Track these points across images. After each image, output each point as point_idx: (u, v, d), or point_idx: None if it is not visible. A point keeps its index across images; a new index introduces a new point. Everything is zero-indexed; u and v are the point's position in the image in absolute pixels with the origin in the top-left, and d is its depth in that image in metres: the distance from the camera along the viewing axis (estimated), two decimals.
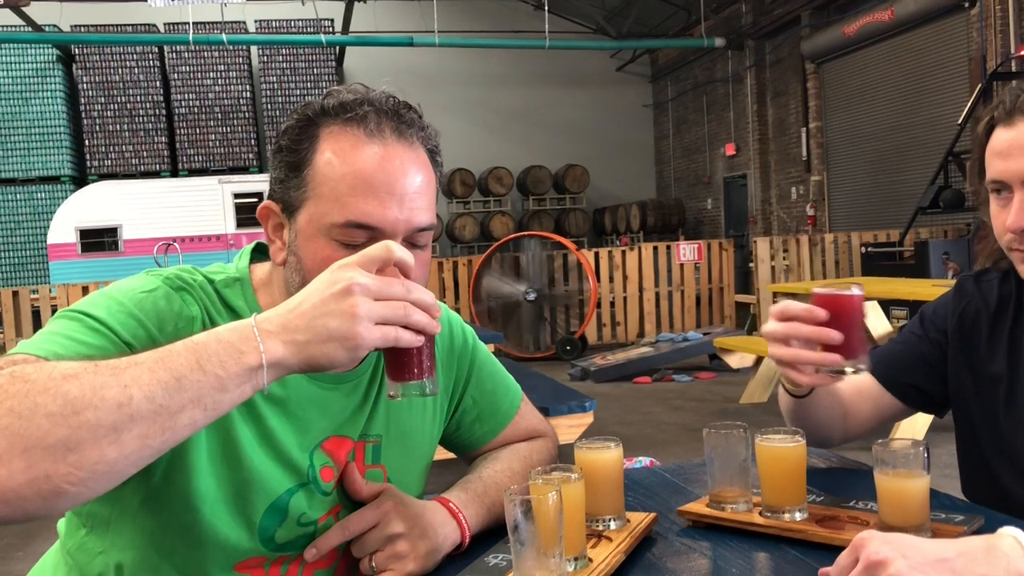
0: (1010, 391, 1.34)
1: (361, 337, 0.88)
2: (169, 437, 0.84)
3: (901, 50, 10.58)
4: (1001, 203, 1.27)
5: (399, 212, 1.03)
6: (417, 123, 1.08)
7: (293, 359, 0.88)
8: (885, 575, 0.87)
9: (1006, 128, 1.26)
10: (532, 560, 0.97)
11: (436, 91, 15.08)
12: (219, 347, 0.86)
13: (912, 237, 8.95)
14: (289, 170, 1.06)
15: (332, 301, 0.88)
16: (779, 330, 1.19)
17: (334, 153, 1.04)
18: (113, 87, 13.78)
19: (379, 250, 0.92)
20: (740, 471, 1.20)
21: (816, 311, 1.16)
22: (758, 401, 6.40)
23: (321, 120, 1.06)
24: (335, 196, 1.03)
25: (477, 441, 1.34)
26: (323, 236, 1.03)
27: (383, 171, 1.03)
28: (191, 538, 1.06)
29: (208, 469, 1.04)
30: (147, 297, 1.05)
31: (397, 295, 0.91)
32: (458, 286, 9.95)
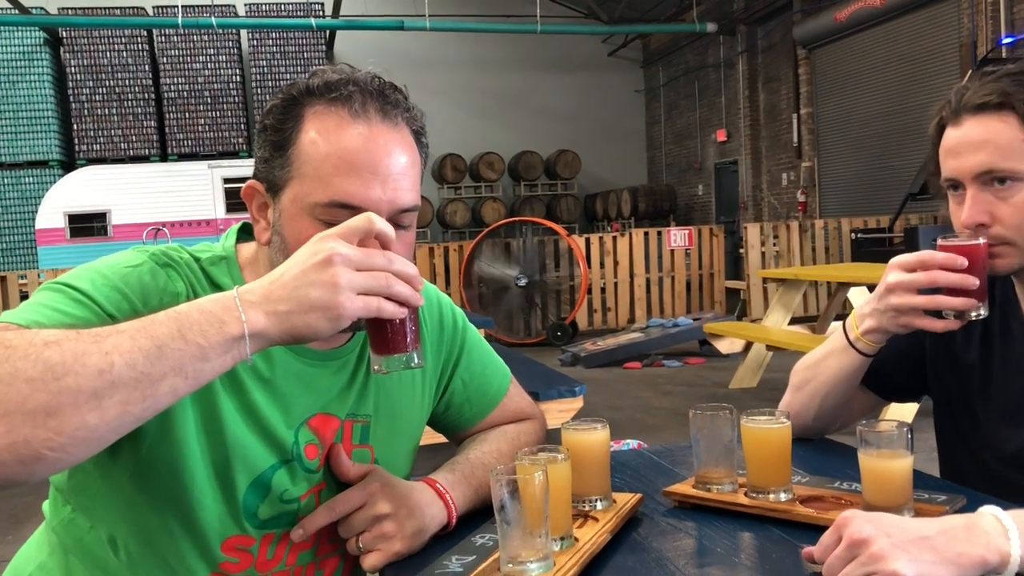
0: (983, 379, 1.37)
1: (343, 307, 0.88)
2: (150, 405, 0.85)
3: (892, 36, 10.58)
4: (957, 200, 1.29)
5: (382, 192, 1.03)
6: (402, 104, 1.08)
7: (275, 329, 0.89)
8: (868, 553, 0.88)
9: (954, 127, 1.28)
10: (518, 539, 0.97)
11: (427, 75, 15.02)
12: (201, 317, 0.87)
13: (902, 223, 8.99)
14: (273, 149, 1.06)
15: (313, 271, 0.89)
16: (920, 278, 1.21)
17: (318, 132, 1.04)
18: (101, 71, 13.67)
19: (360, 221, 0.93)
20: (726, 452, 1.21)
21: (958, 259, 1.19)
22: (747, 386, 6.43)
23: (306, 100, 1.06)
24: (319, 176, 1.03)
25: (466, 422, 1.35)
26: (307, 215, 1.03)
27: (367, 151, 1.03)
28: (179, 512, 1.07)
29: (194, 443, 1.05)
30: (132, 272, 1.05)
31: (379, 266, 0.91)
32: (449, 272, 9.95)
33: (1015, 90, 1.23)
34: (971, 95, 1.26)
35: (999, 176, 1.23)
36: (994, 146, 1.23)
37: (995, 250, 1.25)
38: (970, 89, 1.27)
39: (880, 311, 1.28)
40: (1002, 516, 0.91)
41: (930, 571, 0.87)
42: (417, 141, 1.10)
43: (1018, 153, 1.22)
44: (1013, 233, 1.24)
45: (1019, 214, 1.23)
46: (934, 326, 1.23)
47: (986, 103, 1.24)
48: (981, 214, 1.24)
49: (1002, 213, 1.24)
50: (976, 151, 1.24)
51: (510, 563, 0.97)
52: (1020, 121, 1.22)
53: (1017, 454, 1.31)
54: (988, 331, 1.38)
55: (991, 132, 1.23)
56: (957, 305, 1.20)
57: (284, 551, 1.13)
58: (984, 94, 1.24)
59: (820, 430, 1.49)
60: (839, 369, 1.39)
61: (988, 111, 1.24)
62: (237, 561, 1.11)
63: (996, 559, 0.88)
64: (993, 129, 1.23)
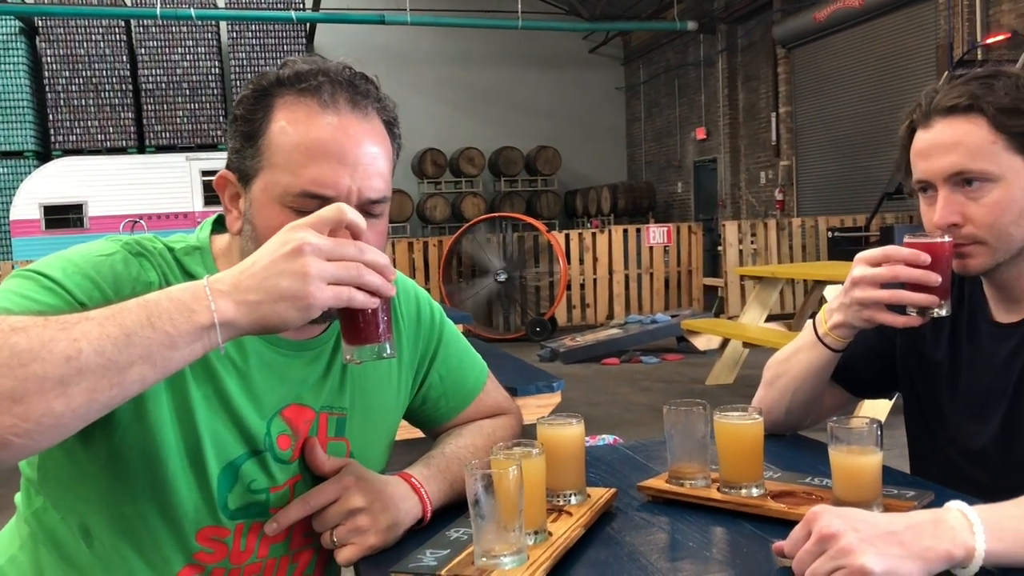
0: (951, 376, 1.39)
1: (313, 296, 0.88)
2: (118, 392, 0.85)
3: (871, 36, 10.66)
4: (928, 201, 1.31)
5: (351, 181, 1.03)
6: (373, 94, 1.09)
7: (245, 319, 0.89)
8: (836, 548, 0.90)
9: (924, 130, 1.30)
10: (492, 534, 0.98)
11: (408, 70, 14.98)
12: (171, 305, 0.87)
13: (878, 222, 9.07)
14: (244, 140, 1.07)
15: (283, 261, 0.89)
16: (883, 272, 1.24)
17: (288, 122, 1.04)
18: (78, 61, 13.51)
19: (331, 212, 0.93)
20: (699, 448, 1.22)
21: (921, 255, 1.21)
22: (724, 382, 6.47)
23: (276, 90, 1.06)
24: (288, 165, 1.03)
25: (442, 417, 1.35)
26: (276, 204, 1.04)
27: (336, 140, 1.03)
28: (154, 500, 1.07)
29: (168, 430, 1.05)
30: (104, 260, 1.05)
31: (350, 255, 0.92)
32: (428, 266, 9.93)
33: (983, 92, 1.25)
34: (941, 98, 1.28)
35: (969, 177, 1.25)
36: (964, 148, 1.25)
37: (967, 250, 1.27)
38: (940, 92, 1.29)
39: (846, 305, 1.30)
40: (967, 511, 0.92)
41: (897, 565, 0.88)
42: (389, 132, 1.11)
43: (987, 154, 1.24)
44: (985, 233, 1.26)
45: (990, 214, 1.25)
46: (895, 321, 1.25)
47: (956, 105, 1.26)
48: (953, 215, 1.26)
49: (973, 213, 1.25)
50: (946, 153, 1.26)
51: (484, 557, 0.98)
52: (989, 123, 1.24)
53: (982, 451, 1.33)
54: (956, 330, 1.40)
55: (961, 134, 1.25)
56: (918, 301, 1.22)
57: (255, 542, 1.13)
58: (954, 97, 1.26)
59: (792, 425, 1.50)
60: (809, 364, 1.40)
61: (958, 113, 1.26)
62: (212, 552, 1.11)
63: (961, 553, 0.90)
64: (963, 131, 1.25)
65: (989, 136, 1.24)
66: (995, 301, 1.36)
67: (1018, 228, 1.25)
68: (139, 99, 13.78)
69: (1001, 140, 1.24)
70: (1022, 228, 1.26)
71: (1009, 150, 1.24)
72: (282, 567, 1.17)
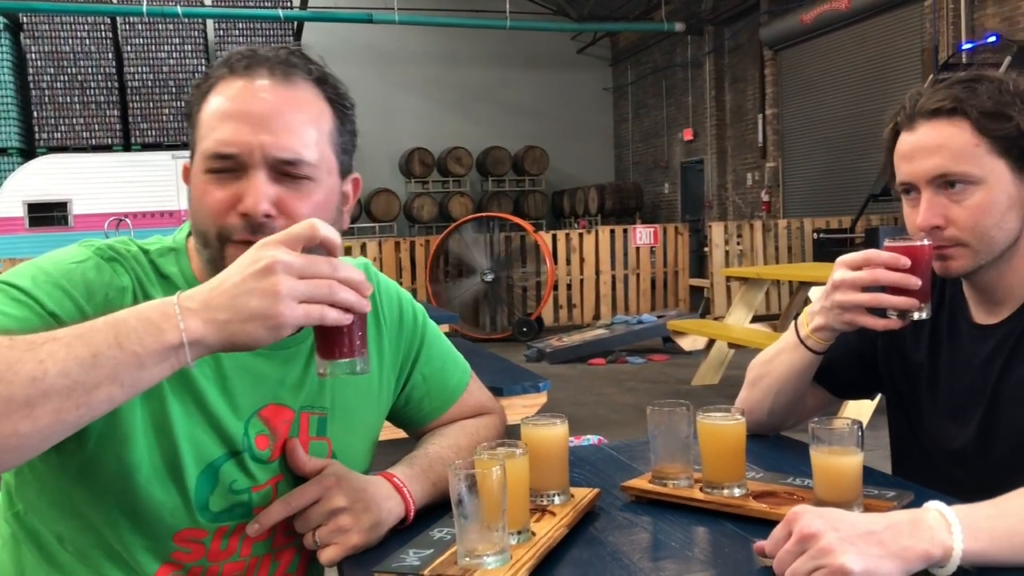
0: (931, 377, 1.40)
1: (283, 316, 0.88)
2: (85, 413, 0.85)
3: (857, 39, 10.72)
4: (911, 204, 1.32)
5: (253, 137, 1.04)
6: (302, 66, 1.09)
7: (214, 337, 0.88)
8: (817, 547, 0.90)
9: (909, 132, 1.31)
10: (475, 533, 0.98)
11: (395, 69, 14.97)
12: (139, 324, 0.86)
13: (863, 224, 9.12)
14: (189, 124, 1.11)
15: (253, 279, 0.88)
16: (863, 276, 1.24)
17: (214, 96, 1.08)
18: (63, 58, 13.42)
19: (303, 228, 0.92)
20: (682, 448, 1.23)
21: (900, 259, 1.22)
22: (709, 383, 6.50)
23: (214, 73, 1.09)
24: (206, 133, 1.06)
25: (425, 417, 1.35)
26: (200, 172, 1.07)
27: (241, 101, 1.06)
28: (128, 506, 1.06)
29: (141, 437, 1.05)
30: (76, 268, 1.05)
31: (322, 273, 0.90)
32: (415, 266, 9.91)
33: (967, 96, 1.26)
34: (925, 101, 1.29)
35: (952, 180, 1.26)
36: (947, 150, 1.26)
37: (949, 252, 1.28)
38: (924, 95, 1.30)
39: (827, 308, 1.31)
40: (945, 511, 0.93)
41: (876, 564, 0.89)
42: (334, 109, 1.11)
43: (970, 157, 1.25)
44: (967, 235, 1.27)
45: (972, 217, 1.26)
46: (875, 324, 1.26)
47: (940, 108, 1.27)
48: (936, 217, 1.27)
49: (956, 215, 1.27)
50: (930, 155, 1.27)
51: (467, 556, 0.98)
52: (972, 126, 1.25)
53: (961, 451, 1.35)
54: (937, 331, 1.41)
55: (944, 137, 1.26)
56: (898, 304, 1.23)
57: (238, 543, 1.13)
58: (938, 100, 1.28)
59: (775, 426, 1.51)
60: (791, 366, 1.41)
61: (941, 116, 1.27)
62: (189, 551, 1.11)
63: (939, 552, 0.91)
64: (946, 134, 1.26)
65: (972, 139, 1.25)
66: (975, 302, 1.37)
67: (999, 231, 1.27)
68: (125, 96, 13.70)
69: (984, 143, 1.25)
70: (1003, 231, 1.27)
71: (992, 153, 1.25)
72: (264, 566, 1.16)
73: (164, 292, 1.08)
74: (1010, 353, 1.31)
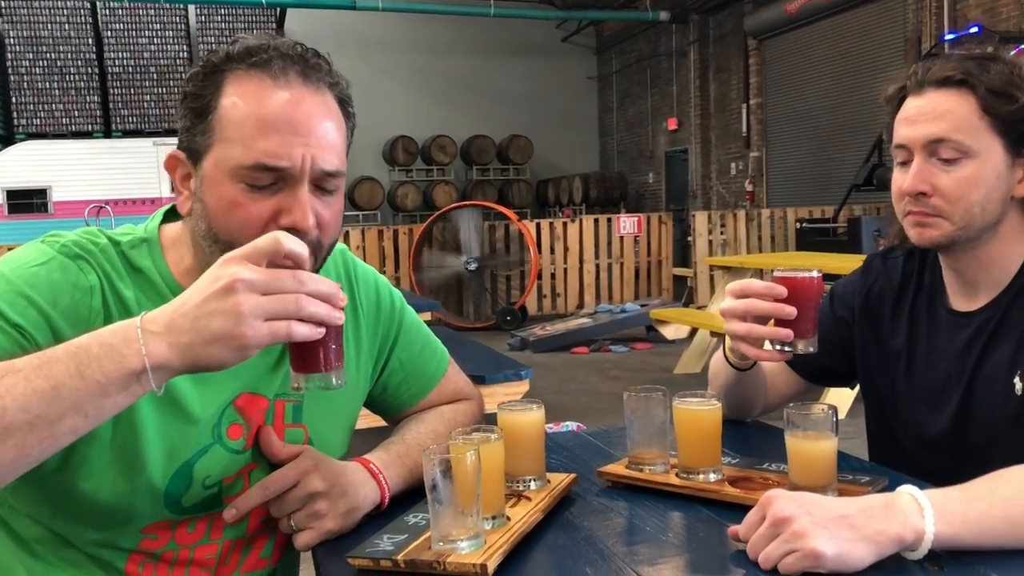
0: (908, 364, 1.41)
1: (246, 337, 0.84)
2: (49, 445, 0.84)
3: (840, 30, 10.73)
4: (902, 170, 1.33)
5: (304, 151, 1.01)
6: (324, 69, 1.06)
7: (178, 361, 0.85)
8: (789, 531, 0.91)
9: (916, 97, 1.32)
10: (449, 518, 0.98)
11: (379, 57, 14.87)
12: (100, 351, 0.84)
13: (846, 214, 9.15)
14: (195, 117, 1.05)
15: (214, 299, 0.85)
16: (738, 306, 1.23)
17: (239, 96, 1.02)
18: (42, 43, 13.27)
19: (266, 242, 0.88)
20: (658, 434, 1.23)
21: (775, 288, 1.20)
22: (692, 371, 6.52)
23: (226, 66, 1.04)
24: (240, 138, 1.01)
25: (403, 403, 1.35)
26: (229, 179, 1.01)
27: (287, 113, 1.01)
28: (95, 510, 1.05)
29: (108, 444, 1.03)
30: (39, 271, 1.01)
31: (287, 288, 0.87)
32: (399, 255, 9.89)
33: (978, 71, 1.27)
34: (937, 69, 1.30)
35: (946, 148, 1.27)
36: (950, 117, 1.27)
37: (928, 219, 1.29)
38: (937, 64, 1.31)
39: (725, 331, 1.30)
40: (918, 495, 0.94)
41: (849, 548, 0.90)
42: (343, 110, 1.09)
43: (970, 129, 1.26)
44: (950, 206, 1.28)
45: (959, 188, 1.27)
46: (759, 355, 1.24)
47: (949, 78, 1.28)
48: (923, 183, 1.28)
49: (943, 185, 1.27)
50: (932, 121, 1.28)
51: (441, 541, 0.98)
52: (977, 101, 1.26)
53: (936, 438, 1.35)
54: (915, 318, 1.42)
55: (950, 105, 1.28)
56: (768, 335, 1.21)
57: (206, 527, 1.13)
58: (949, 69, 1.29)
59: (742, 416, 1.53)
60: (728, 375, 1.43)
61: (950, 86, 1.28)
62: (155, 537, 1.10)
63: (911, 536, 0.91)
64: (952, 103, 1.28)
65: (975, 113, 1.26)
66: (954, 289, 1.38)
67: (982, 208, 1.28)
68: (105, 83, 13.56)
69: (986, 120, 1.26)
70: (986, 210, 1.28)
71: (991, 131, 1.26)
72: (237, 550, 1.16)
73: (136, 287, 1.06)
74: (987, 340, 1.31)
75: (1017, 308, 1.29)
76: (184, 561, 1.12)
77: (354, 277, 1.28)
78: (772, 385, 1.51)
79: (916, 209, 1.30)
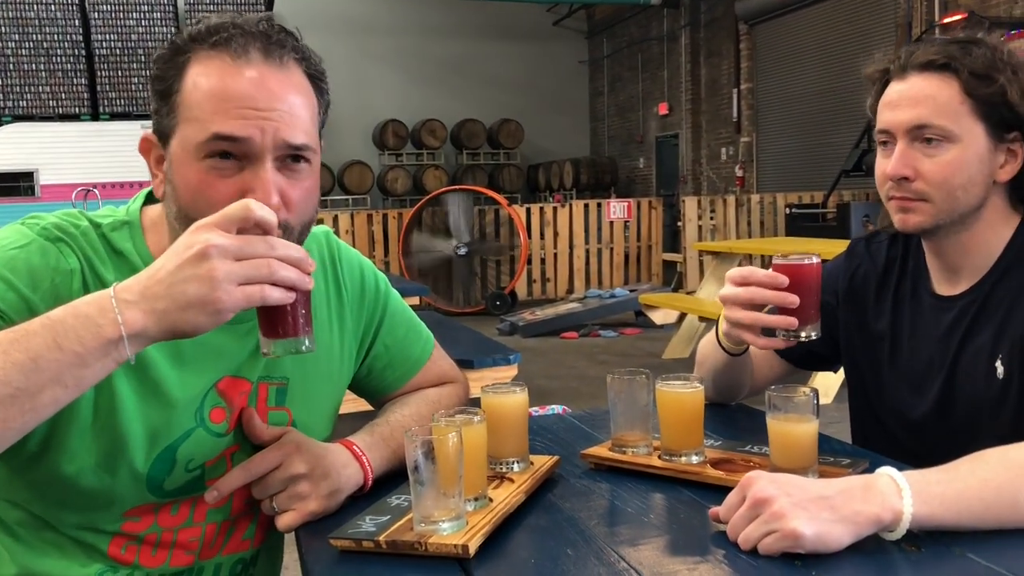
0: (892, 348, 1.42)
1: (221, 301, 0.86)
2: (31, 417, 0.84)
3: (831, 14, 10.72)
4: (885, 153, 1.33)
5: (264, 126, 1.00)
6: (290, 45, 1.05)
7: (154, 328, 0.86)
8: (769, 512, 0.92)
9: (899, 81, 1.32)
10: (431, 499, 0.98)
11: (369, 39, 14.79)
12: (76, 322, 0.85)
13: (835, 199, 9.17)
14: (161, 99, 1.04)
15: (188, 266, 0.86)
16: (742, 294, 1.23)
17: (201, 76, 1.02)
18: (28, 24, 13.13)
19: (237, 209, 0.90)
20: (641, 416, 1.23)
21: (779, 277, 1.20)
22: (680, 356, 6.53)
23: (189, 47, 1.03)
24: (200, 116, 1.00)
25: (388, 387, 1.35)
26: (194, 159, 1.01)
27: (246, 89, 1.00)
28: (76, 493, 1.06)
29: (89, 428, 1.03)
30: (18, 255, 1.01)
31: (259, 252, 0.88)
32: (388, 239, 9.86)
33: (961, 55, 1.27)
34: (920, 53, 1.30)
35: (929, 134, 1.27)
36: (932, 102, 1.27)
37: (911, 205, 1.30)
38: (920, 48, 1.31)
39: (725, 319, 1.30)
40: (896, 476, 0.95)
41: (827, 529, 0.90)
42: (314, 85, 1.08)
43: (952, 114, 1.26)
44: (933, 190, 1.28)
45: (942, 172, 1.27)
46: (756, 342, 1.25)
47: (932, 62, 1.28)
48: (906, 167, 1.28)
49: (926, 169, 1.28)
50: (914, 105, 1.28)
51: (423, 523, 0.98)
52: (960, 85, 1.26)
53: (920, 421, 1.36)
54: (899, 302, 1.42)
55: (932, 89, 1.28)
56: (774, 323, 1.22)
57: (189, 509, 1.13)
58: (932, 53, 1.29)
59: (727, 399, 1.53)
60: (719, 360, 1.43)
61: (932, 70, 1.28)
62: (139, 519, 1.10)
63: (890, 517, 0.92)
64: (934, 87, 1.28)
65: (957, 97, 1.27)
66: (937, 273, 1.39)
67: (964, 192, 1.28)
68: (92, 65, 13.43)
69: (968, 103, 1.26)
70: (968, 194, 1.28)
71: (973, 115, 1.27)
72: (221, 532, 1.16)
73: (116, 270, 1.06)
74: (970, 324, 1.32)
75: (999, 292, 1.30)
76: (167, 543, 1.12)
77: (338, 260, 1.27)
78: (757, 368, 1.52)
79: (899, 194, 1.30)
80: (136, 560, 1.11)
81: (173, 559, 1.13)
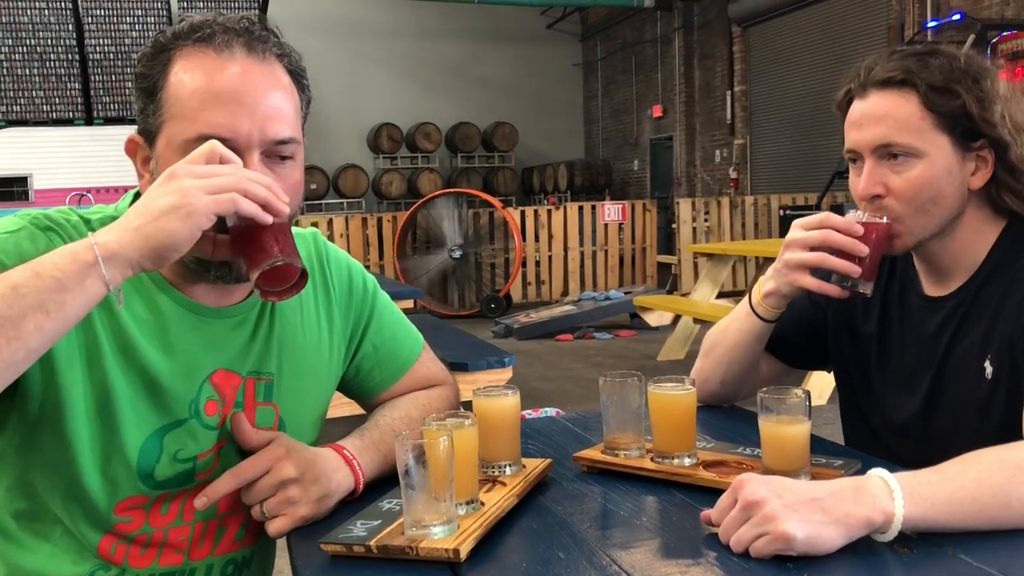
0: (880, 349, 1.42)
1: (192, 205, 0.90)
2: (18, 346, 0.86)
3: (824, 17, 10.75)
4: (856, 171, 1.34)
5: (251, 122, 1.02)
6: (272, 41, 1.07)
7: (130, 246, 0.90)
8: (760, 514, 0.91)
9: (860, 100, 1.32)
10: (422, 503, 0.98)
11: (363, 42, 14.79)
12: (55, 256, 0.90)
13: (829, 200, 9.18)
14: (146, 97, 1.06)
15: (159, 187, 0.92)
16: (815, 236, 1.27)
17: (184, 72, 1.04)
18: (21, 28, 13.11)
19: (204, 148, 0.96)
20: (633, 418, 1.23)
21: (854, 226, 1.25)
22: (675, 358, 6.54)
23: (172, 44, 1.05)
24: (186, 113, 1.02)
25: (376, 387, 1.35)
26: (180, 156, 1.01)
27: (231, 85, 1.02)
28: (69, 479, 1.06)
29: (82, 407, 1.04)
30: (9, 238, 1.03)
31: (225, 172, 0.93)
32: (383, 242, 9.86)
33: (918, 68, 1.26)
34: (878, 70, 1.30)
35: (895, 151, 1.27)
36: (893, 120, 1.27)
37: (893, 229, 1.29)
38: (878, 64, 1.31)
39: (777, 270, 1.33)
40: (888, 478, 0.94)
41: (819, 531, 0.90)
42: (295, 81, 1.10)
43: (914, 130, 1.26)
44: (903, 206, 1.28)
45: (911, 188, 1.27)
46: (812, 284, 1.29)
47: (890, 79, 1.28)
48: (876, 185, 1.28)
49: (895, 185, 1.28)
50: (876, 124, 1.28)
51: (414, 527, 0.98)
52: (920, 99, 1.26)
53: (905, 422, 1.36)
54: (888, 303, 1.42)
55: (892, 106, 1.27)
56: (841, 267, 1.26)
57: (179, 508, 1.13)
58: (889, 70, 1.28)
59: (729, 396, 1.52)
60: (742, 334, 1.42)
61: (891, 87, 1.28)
62: (130, 520, 1.10)
63: (881, 519, 0.92)
64: (894, 104, 1.27)
65: (918, 112, 1.26)
66: (925, 275, 1.39)
67: (935, 205, 1.28)
68: (86, 69, 13.41)
69: (929, 117, 1.26)
70: (940, 207, 1.28)
71: (936, 128, 1.26)
72: (210, 532, 1.16)
73: None
74: (958, 325, 1.32)
75: (988, 292, 1.30)
76: (157, 543, 1.12)
77: (326, 260, 1.28)
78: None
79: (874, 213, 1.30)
80: (125, 561, 1.11)
81: (162, 559, 1.13)
